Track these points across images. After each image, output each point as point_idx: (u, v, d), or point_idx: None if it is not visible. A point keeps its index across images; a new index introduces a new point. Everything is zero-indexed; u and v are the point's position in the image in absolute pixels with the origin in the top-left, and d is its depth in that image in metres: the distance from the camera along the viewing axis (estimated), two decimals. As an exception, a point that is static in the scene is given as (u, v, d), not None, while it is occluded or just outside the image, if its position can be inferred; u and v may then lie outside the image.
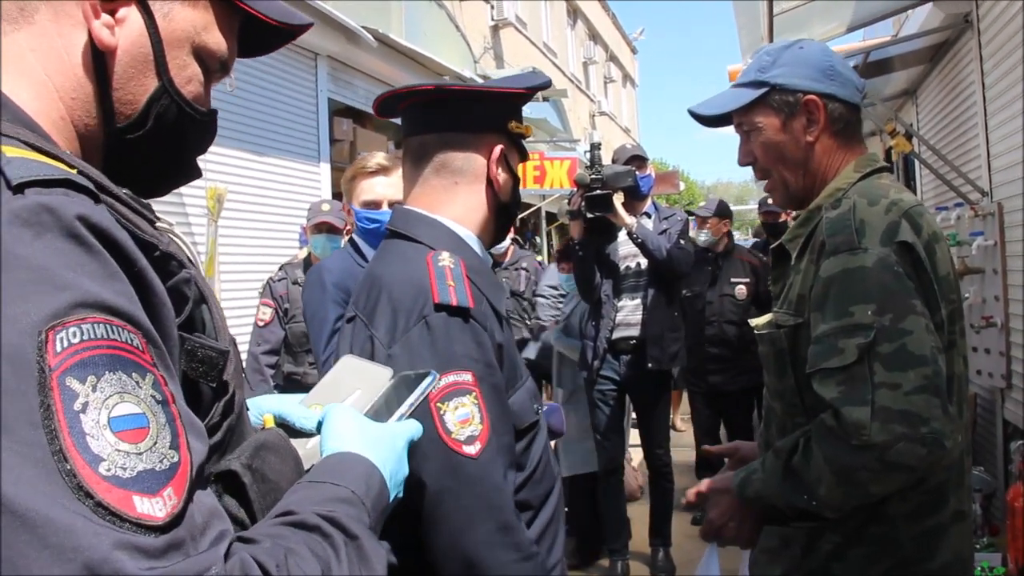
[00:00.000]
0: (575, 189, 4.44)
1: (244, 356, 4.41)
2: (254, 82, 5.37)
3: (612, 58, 24.45)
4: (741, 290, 5.61)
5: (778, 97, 1.73)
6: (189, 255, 0.91)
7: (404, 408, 1.04)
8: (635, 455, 6.11)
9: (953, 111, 5.67)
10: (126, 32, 0.87)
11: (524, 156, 1.70)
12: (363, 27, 6.44)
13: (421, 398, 1.07)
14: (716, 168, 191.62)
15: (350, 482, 0.87)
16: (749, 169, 1.85)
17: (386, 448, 0.96)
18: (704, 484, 1.86)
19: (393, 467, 0.96)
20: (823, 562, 1.61)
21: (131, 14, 0.88)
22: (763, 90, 1.73)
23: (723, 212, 5.70)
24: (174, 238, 0.90)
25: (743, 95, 1.76)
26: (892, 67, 6.33)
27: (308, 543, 0.75)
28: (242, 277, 4.97)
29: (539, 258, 9.43)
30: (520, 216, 10.96)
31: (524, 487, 1.47)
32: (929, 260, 1.56)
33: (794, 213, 6.66)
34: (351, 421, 0.98)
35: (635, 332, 4.49)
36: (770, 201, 6.72)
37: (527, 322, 6.03)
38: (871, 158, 1.76)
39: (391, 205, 2.84)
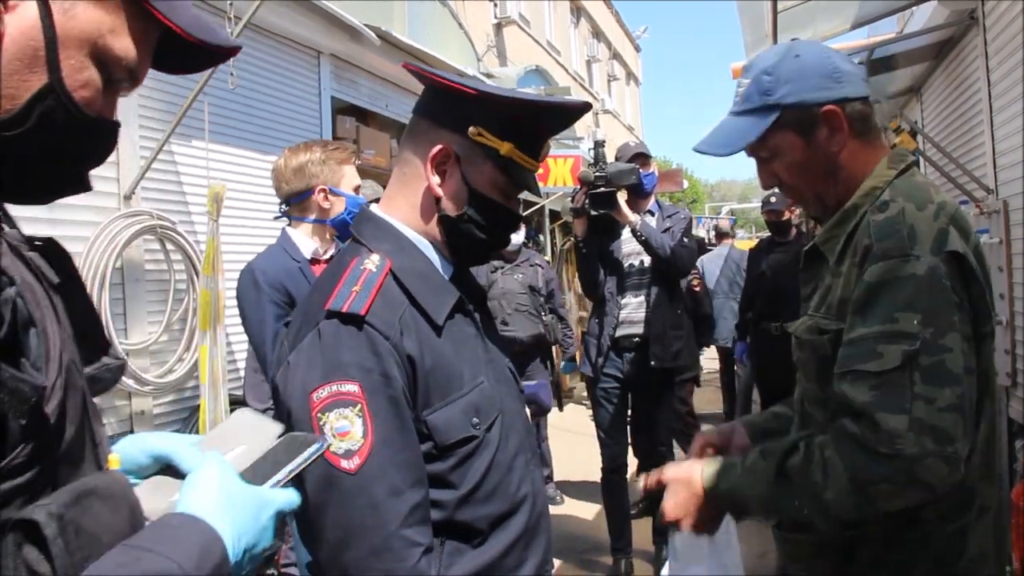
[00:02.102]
0: (578, 187, 4.44)
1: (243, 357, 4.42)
2: (256, 80, 5.36)
3: (615, 56, 24.41)
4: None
5: (793, 116, 1.63)
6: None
7: (282, 474, 0.96)
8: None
9: (958, 108, 5.65)
10: (16, 21, 0.81)
11: (515, 179, 1.50)
12: (366, 25, 6.42)
13: (303, 465, 0.98)
14: (719, 166, 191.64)
15: (178, 554, 0.78)
16: (753, 167, 1.78)
17: (247, 517, 0.88)
18: (665, 473, 1.78)
19: (252, 539, 0.88)
20: (862, 570, 1.57)
21: (25, 3, 0.81)
22: (775, 115, 1.63)
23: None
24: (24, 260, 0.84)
25: (754, 126, 1.65)
26: (896, 64, 6.30)
27: None
28: (245, 276, 4.97)
29: (546, 257, 9.49)
30: (523, 214, 10.96)
31: (462, 507, 1.38)
32: (980, 268, 1.52)
33: (798, 211, 6.58)
34: (215, 479, 0.89)
35: (639, 330, 4.48)
36: (773, 199, 6.73)
37: (543, 317, 6.11)
38: (902, 154, 1.70)
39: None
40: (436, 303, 1.43)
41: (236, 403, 4.32)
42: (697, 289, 6.27)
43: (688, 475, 1.72)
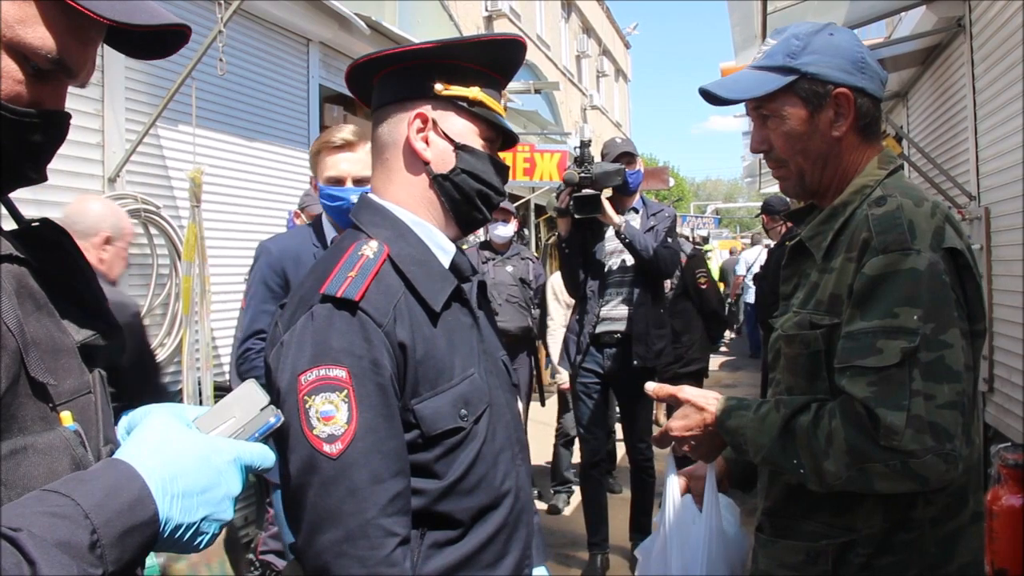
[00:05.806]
0: (564, 184, 4.43)
1: (223, 342, 4.40)
2: (245, 66, 5.32)
3: (605, 52, 24.41)
4: None
5: (807, 86, 1.63)
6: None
7: (246, 437, 1.01)
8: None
9: (943, 114, 5.69)
10: None
11: (494, 126, 1.54)
12: (356, 14, 6.40)
13: (259, 435, 1.02)
14: (706, 165, 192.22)
15: (81, 493, 0.78)
16: (739, 167, 1.82)
17: (188, 459, 0.88)
18: (683, 392, 1.77)
19: (199, 481, 0.88)
20: (853, 575, 1.56)
21: None
22: (792, 77, 1.64)
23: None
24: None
25: (769, 80, 1.66)
26: (884, 69, 6.34)
27: None
28: (230, 262, 4.93)
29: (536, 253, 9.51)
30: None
31: (445, 498, 1.38)
32: (975, 267, 1.54)
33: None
34: (152, 427, 0.91)
35: (619, 327, 4.49)
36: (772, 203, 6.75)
37: (532, 311, 6.13)
38: (891, 155, 1.71)
39: (356, 182, 2.76)
40: (434, 290, 1.44)
41: (220, 388, 4.30)
42: (704, 286, 6.24)
43: (704, 402, 1.73)
